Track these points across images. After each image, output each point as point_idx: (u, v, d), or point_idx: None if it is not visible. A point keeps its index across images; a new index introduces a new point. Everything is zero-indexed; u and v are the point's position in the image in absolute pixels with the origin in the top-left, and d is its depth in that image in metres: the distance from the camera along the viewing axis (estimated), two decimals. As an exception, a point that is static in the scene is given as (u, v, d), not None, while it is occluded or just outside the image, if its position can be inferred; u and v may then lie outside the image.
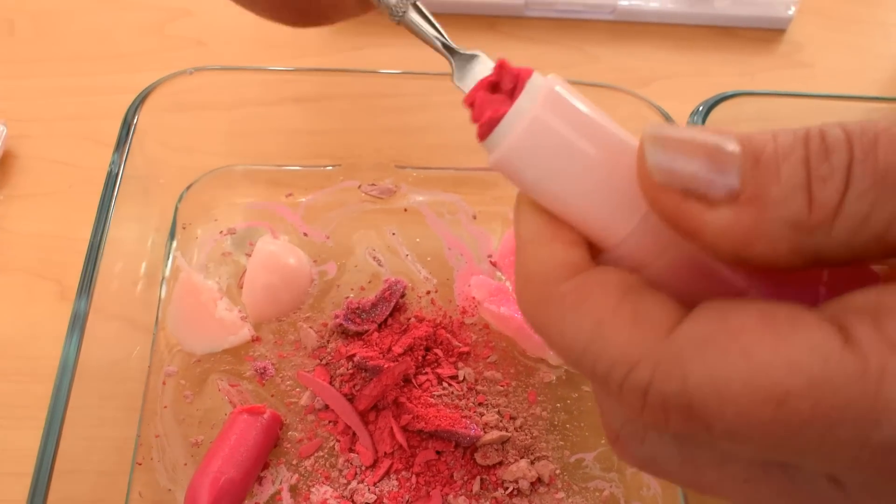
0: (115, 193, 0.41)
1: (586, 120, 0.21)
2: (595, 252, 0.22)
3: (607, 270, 0.21)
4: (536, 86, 0.21)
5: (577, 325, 0.20)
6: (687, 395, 0.18)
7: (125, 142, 0.43)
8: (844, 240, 0.18)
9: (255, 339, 0.44)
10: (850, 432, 0.17)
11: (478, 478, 0.40)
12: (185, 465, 0.40)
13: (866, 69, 0.64)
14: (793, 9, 0.64)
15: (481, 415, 0.42)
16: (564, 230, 0.22)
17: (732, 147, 0.19)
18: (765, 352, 0.17)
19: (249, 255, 0.46)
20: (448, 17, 0.61)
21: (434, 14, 0.30)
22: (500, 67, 0.22)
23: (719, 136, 0.19)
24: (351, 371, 0.42)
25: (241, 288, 0.45)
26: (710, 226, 0.19)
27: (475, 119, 0.22)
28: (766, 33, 0.65)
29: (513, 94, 0.22)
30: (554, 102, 0.20)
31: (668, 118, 0.46)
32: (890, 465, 0.17)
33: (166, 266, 0.46)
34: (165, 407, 0.42)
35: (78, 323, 0.37)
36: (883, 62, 0.65)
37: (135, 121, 0.43)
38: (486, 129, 0.22)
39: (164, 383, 0.42)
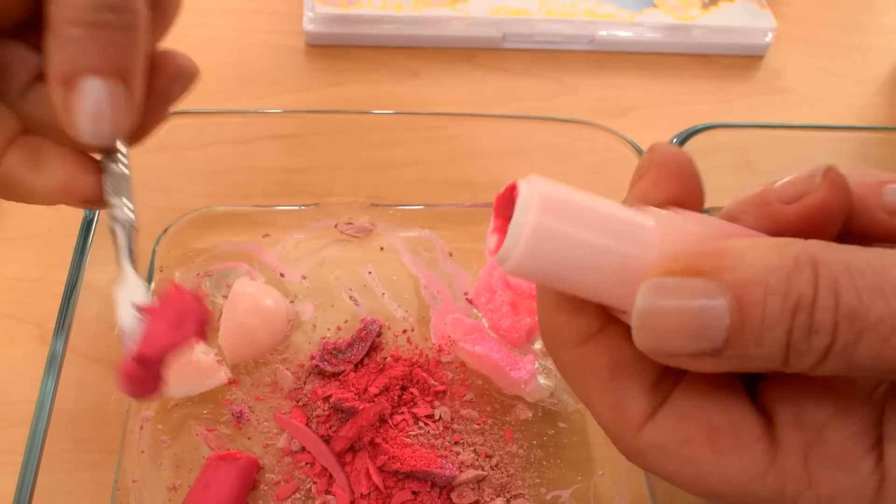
0: (91, 237, 0.42)
1: (580, 212, 0.22)
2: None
3: (601, 351, 0.24)
4: (525, 196, 0.22)
5: (577, 391, 0.26)
6: (654, 475, 0.25)
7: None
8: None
9: (232, 382, 0.44)
10: None
11: (454, 518, 0.40)
12: (163, 510, 0.40)
13: (844, 94, 0.64)
14: (770, 35, 0.64)
15: (457, 454, 0.42)
16: (574, 300, 0.25)
17: (722, 322, 0.20)
18: (706, 464, 0.22)
19: (227, 297, 0.46)
20: (427, 51, 0.61)
21: (415, 49, 0.30)
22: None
23: (706, 309, 0.20)
24: (327, 412, 0.42)
25: (218, 330, 0.45)
26: (692, 367, 0.22)
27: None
28: (744, 60, 0.65)
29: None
30: (545, 207, 0.22)
31: (639, 151, 0.46)
32: None
33: (144, 308, 0.46)
34: (143, 451, 0.42)
35: (54, 365, 0.37)
36: (861, 87, 0.65)
37: (110, 166, 0.44)
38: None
39: (141, 427, 0.42)
